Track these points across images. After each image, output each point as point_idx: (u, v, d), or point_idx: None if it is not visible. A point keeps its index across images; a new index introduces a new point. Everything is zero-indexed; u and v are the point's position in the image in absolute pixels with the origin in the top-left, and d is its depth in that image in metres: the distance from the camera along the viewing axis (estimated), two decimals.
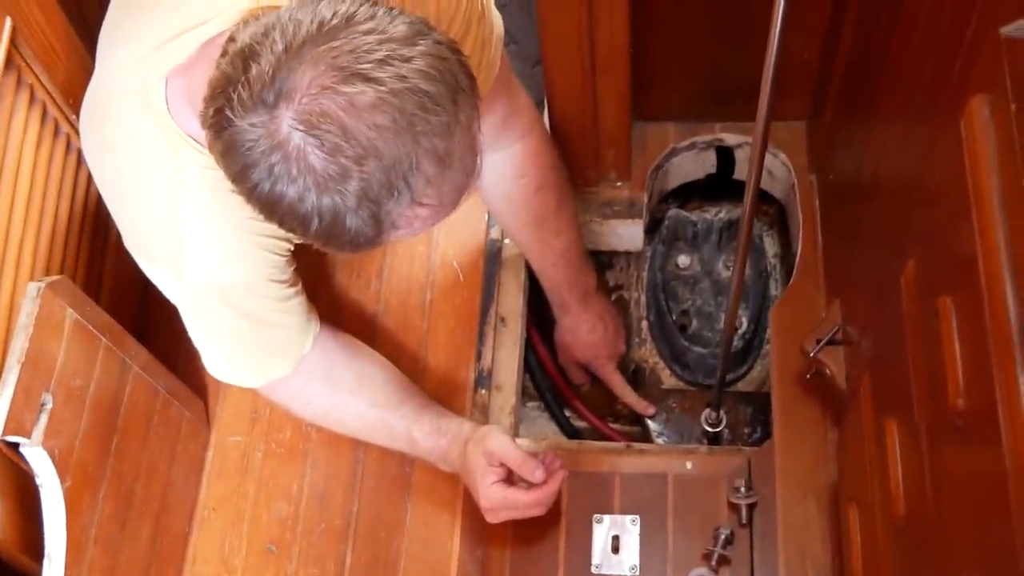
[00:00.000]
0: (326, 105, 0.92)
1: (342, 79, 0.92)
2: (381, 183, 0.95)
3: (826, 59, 1.72)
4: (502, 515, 1.52)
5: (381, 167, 0.94)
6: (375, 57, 0.93)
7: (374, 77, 0.92)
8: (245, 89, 0.94)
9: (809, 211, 1.83)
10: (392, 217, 0.99)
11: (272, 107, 0.93)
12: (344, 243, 1.00)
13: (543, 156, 1.61)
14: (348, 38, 0.94)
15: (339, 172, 0.94)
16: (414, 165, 0.96)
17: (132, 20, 1.21)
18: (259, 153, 0.95)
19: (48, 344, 1.30)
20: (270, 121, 0.93)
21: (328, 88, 0.92)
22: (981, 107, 0.88)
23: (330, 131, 0.93)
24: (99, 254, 1.65)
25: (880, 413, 1.25)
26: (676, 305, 2.01)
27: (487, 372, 1.76)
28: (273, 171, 0.95)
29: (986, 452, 0.84)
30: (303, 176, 0.94)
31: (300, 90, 0.93)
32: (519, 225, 1.70)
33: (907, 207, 1.16)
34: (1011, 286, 0.81)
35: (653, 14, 1.69)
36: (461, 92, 0.98)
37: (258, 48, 0.95)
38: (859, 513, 1.36)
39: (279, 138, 0.94)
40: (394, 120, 0.93)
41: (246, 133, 0.94)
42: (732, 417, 1.84)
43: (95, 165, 1.27)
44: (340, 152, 0.93)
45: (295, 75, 0.93)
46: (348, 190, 0.95)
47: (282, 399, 1.54)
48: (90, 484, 1.40)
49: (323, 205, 0.96)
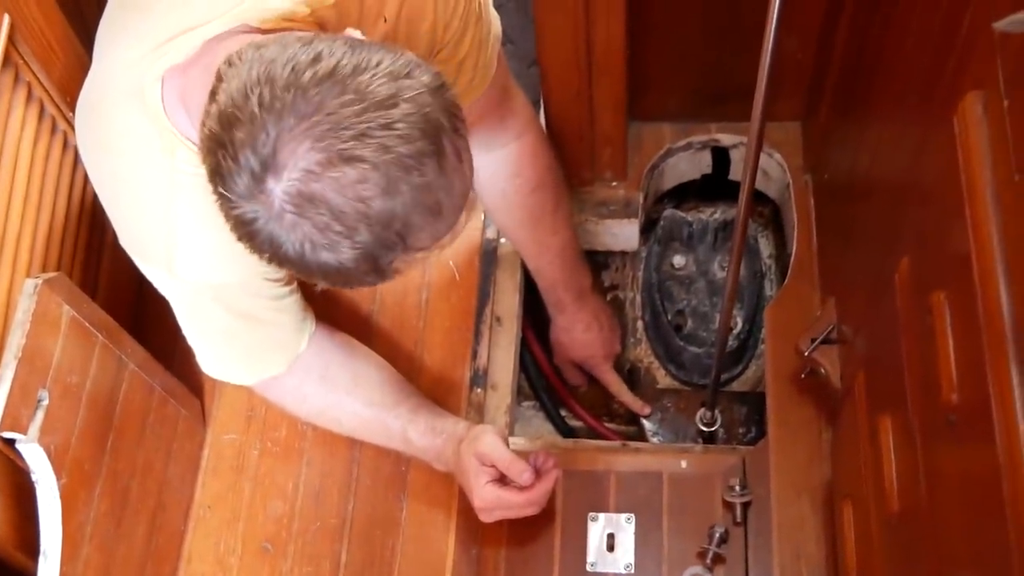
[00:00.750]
0: (314, 189, 0.95)
1: (327, 161, 0.94)
2: (375, 243, 0.98)
3: (821, 59, 1.72)
4: (496, 514, 1.52)
5: (372, 231, 0.97)
6: (356, 131, 0.94)
7: (356, 156, 0.94)
8: (232, 160, 0.96)
9: (804, 211, 1.84)
10: (393, 265, 1.02)
11: (260, 180, 0.95)
12: (356, 286, 1.06)
13: (539, 155, 1.62)
14: (327, 114, 0.94)
15: (330, 243, 0.97)
16: (406, 222, 0.98)
17: (130, 19, 1.21)
18: (259, 226, 0.97)
19: (44, 341, 1.30)
20: (264, 197, 0.96)
21: (313, 172, 0.94)
22: (974, 103, 0.88)
23: (320, 213, 0.95)
24: (96, 251, 1.66)
25: (874, 411, 1.25)
26: (671, 305, 2.01)
27: (483, 371, 1.76)
28: (274, 237, 0.98)
29: (979, 448, 0.85)
30: (301, 242, 0.97)
31: (286, 169, 0.94)
32: (515, 224, 1.71)
33: (901, 205, 1.17)
34: (1004, 282, 0.82)
35: (649, 15, 1.70)
36: (444, 135, 0.99)
37: (239, 114, 0.96)
38: (853, 511, 1.36)
39: (274, 212, 0.96)
40: (380, 188, 0.95)
41: (244, 214, 0.97)
42: (727, 416, 1.84)
43: (90, 163, 1.27)
44: (330, 228, 0.96)
45: (280, 153, 0.94)
46: (344, 253, 0.98)
47: (277, 398, 1.55)
48: (86, 481, 1.40)
49: (325, 262, 0.99)
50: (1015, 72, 0.80)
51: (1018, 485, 0.78)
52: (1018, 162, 0.79)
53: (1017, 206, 0.79)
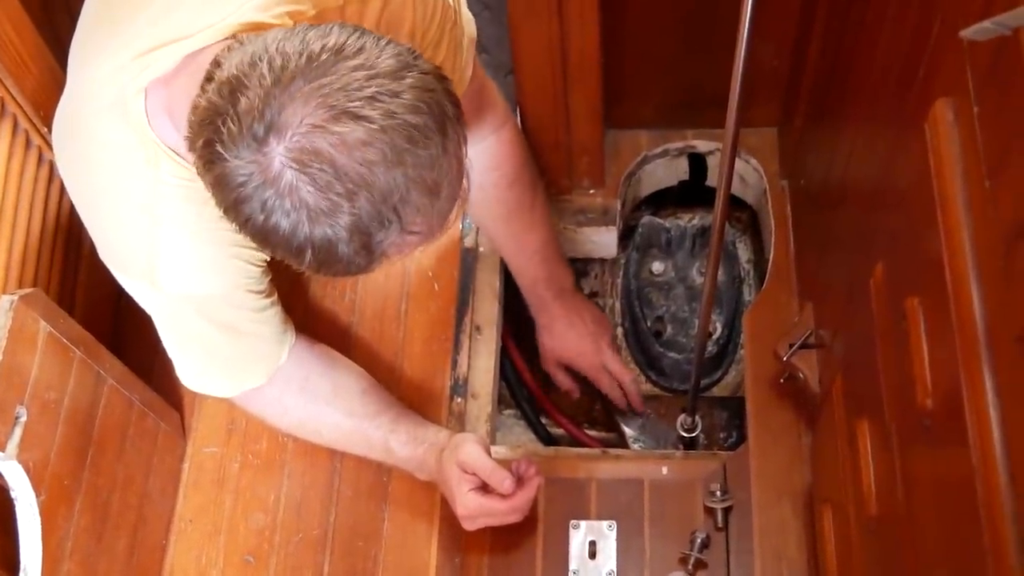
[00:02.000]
0: (317, 143, 0.94)
1: (332, 118, 0.94)
2: (372, 215, 0.97)
3: (795, 66, 1.73)
4: (479, 522, 1.52)
5: (372, 200, 0.96)
6: (364, 94, 0.94)
7: (364, 115, 0.94)
8: (235, 123, 0.95)
9: (781, 216, 1.85)
10: (383, 246, 1.01)
11: (262, 143, 0.94)
12: (337, 271, 1.02)
13: (516, 149, 1.63)
14: (337, 74, 0.95)
15: (331, 207, 0.96)
16: (404, 197, 0.97)
17: (107, 32, 1.21)
18: (252, 188, 0.96)
19: (22, 357, 1.30)
20: (262, 157, 0.95)
21: (319, 127, 0.94)
22: (945, 110, 0.89)
23: (322, 169, 0.94)
24: (72, 266, 1.65)
25: (852, 415, 1.26)
26: (651, 311, 2.02)
27: (463, 380, 1.76)
28: (266, 205, 0.96)
29: (954, 452, 0.85)
30: (296, 210, 0.96)
31: (291, 127, 0.94)
32: (493, 219, 1.71)
33: (875, 211, 1.18)
34: (976, 287, 0.82)
35: (623, 24, 1.70)
36: (448, 121, 0.99)
37: (245, 80, 0.96)
38: (833, 515, 1.37)
39: (271, 174, 0.95)
40: (384, 155, 0.95)
41: (238, 169, 0.96)
42: (707, 422, 1.85)
43: (69, 177, 1.26)
44: (331, 188, 0.95)
45: (286, 111, 0.94)
46: (340, 223, 0.96)
47: (258, 409, 1.55)
48: (66, 497, 1.40)
49: (316, 237, 0.97)
50: (984, 79, 0.81)
51: (991, 488, 0.78)
52: (989, 168, 0.79)
53: (988, 212, 0.79)
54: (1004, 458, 0.78)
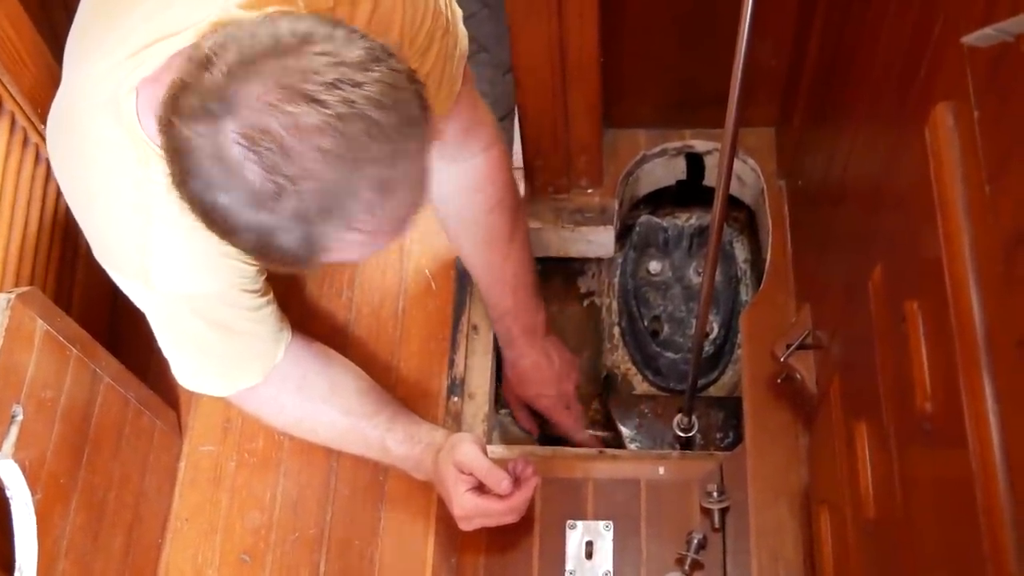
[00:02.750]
0: (269, 122, 0.92)
1: (288, 98, 0.92)
2: (316, 204, 0.94)
3: (793, 66, 1.73)
4: (475, 523, 1.52)
5: (318, 189, 0.93)
6: (324, 79, 0.92)
7: (320, 99, 0.92)
8: (196, 97, 0.94)
9: (778, 216, 1.85)
10: (325, 240, 0.98)
11: (217, 117, 0.93)
12: (275, 260, 1.00)
13: (502, 173, 1.60)
14: (300, 58, 0.93)
15: (275, 190, 0.93)
16: (352, 191, 0.95)
17: (102, 30, 1.20)
18: (199, 161, 0.94)
19: (18, 356, 1.29)
20: (214, 131, 0.93)
21: (273, 105, 0.92)
22: (945, 114, 0.89)
23: (270, 148, 0.92)
24: (69, 264, 1.65)
25: (849, 416, 1.26)
26: (648, 311, 2.02)
27: (460, 380, 1.76)
28: (211, 180, 0.94)
29: (953, 455, 0.85)
30: (239, 189, 0.94)
31: (246, 104, 0.92)
32: (471, 243, 1.68)
33: (874, 213, 1.17)
34: (976, 291, 0.82)
35: (622, 23, 1.70)
36: (411, 122, 0.97)
37: (214, 58, 0.95)
38: (830, 516, 1.37)
39: (220, 149, 0.93)
40: (336, 145, 0.92)
41: (190, 140, 0.94)
42: (704, 422, 1.85)
43: (62, 175, 1.26)
44: (278, 170, 0.92)
45: (243, 88, 0.93)
46: (282, 208, 0.94)
47: (254, 408, 1.54)
48: (61, 496, 1.39)
49: (256, 219, 0.95)
50: (985, 84, 0.81)
51: (990, 493, 0.78)
52: (989, 173, 0.79)
53: (988, 217, 0.79)
54: (1003, 463, 0.78)
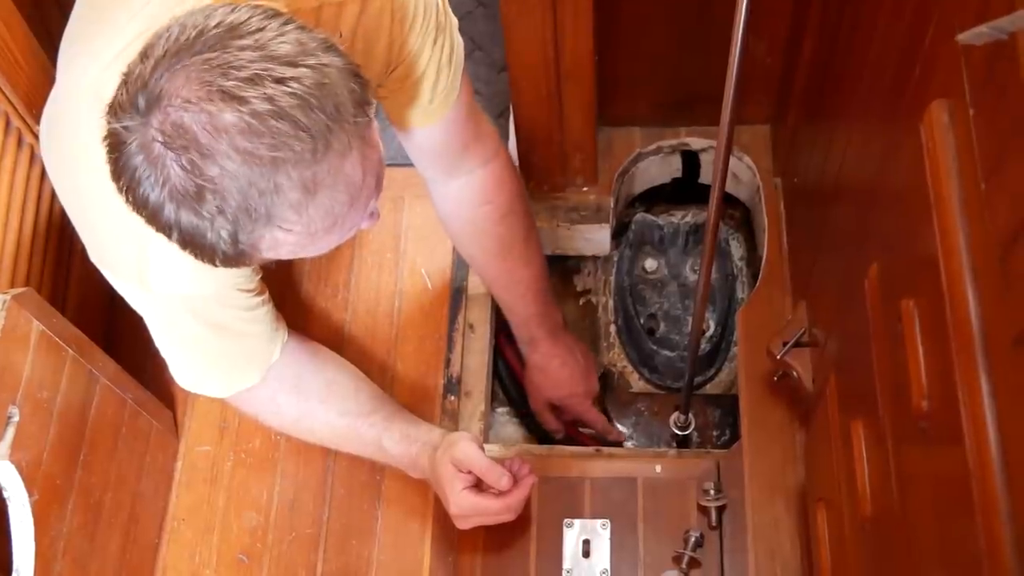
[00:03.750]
0: (187, 120, 0.91)
1: (207, 95, 0.91)
2: (238, 205, 0.93)
3: (788, 64, 1.73)
4: (472, 521, 1.52)
5: (238, 189, 0.92)
6: (245, 75, 0.91)
7: (239, 96, 0.90)
8: (127, 90, 0.94)
9: (774, 214, 1.85)
10: (253, 239, 0.97)
11: (143, 112, 0.92)
12: (206, 256, 0.99)
13: (508, 182, 1.59)
14: (223, 51, 0.92)
15: (195, 190, 0.93)
16: (274, 190, 0.94)
17: (92, 29, 1.20)
18: (128, 156, 0.94)
19: (14, 357, 1.29)
20: (140, 126, 0.92)
21: (191, 103, 0.91)
22: (940, 112, 0.88)
23: (187, 148, 0.91)
24: (65, 265, 1.65)
25: (846, 414, 1.26)
26: (644, 309, 2.02)
27: (456, 378, 1.76)
28: (137, 174, 0.94)
29: (949, 454, 0.85)
30: (162, 185, 0.93)
31: (168, 100, 0.91)
32: (485, 254, 1.66)
33: (869, 211, 1.17)
34: (972, 289, 0.82)
35: (617, 21, 1.70)
36: (340, 121, 0.95)
37: (149, 50, 0.94)
38: (827, 514, 1.37)
39: (145, 145, 0.92)
40: (254, 144, 0.91)
41: (119, 135, 0.94)
42: (701, 420, 1.85)
43: (57, 176, 1.25)
44: (196, 170, 0.92)
45: (166, 83, 0.92)
46: (203, 208, 0.93)
47: (251, 409, 1.54)
48: (58, 497, 1.39)
49: (181, 217, 0.95)
50: (980, 81, 0.81)
51: (987, 491, 0.78)
52: (985, 171, 0.79)
53: (984, 215, 0.79)
54: (1000, 461, 0.78)
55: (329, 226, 1.01)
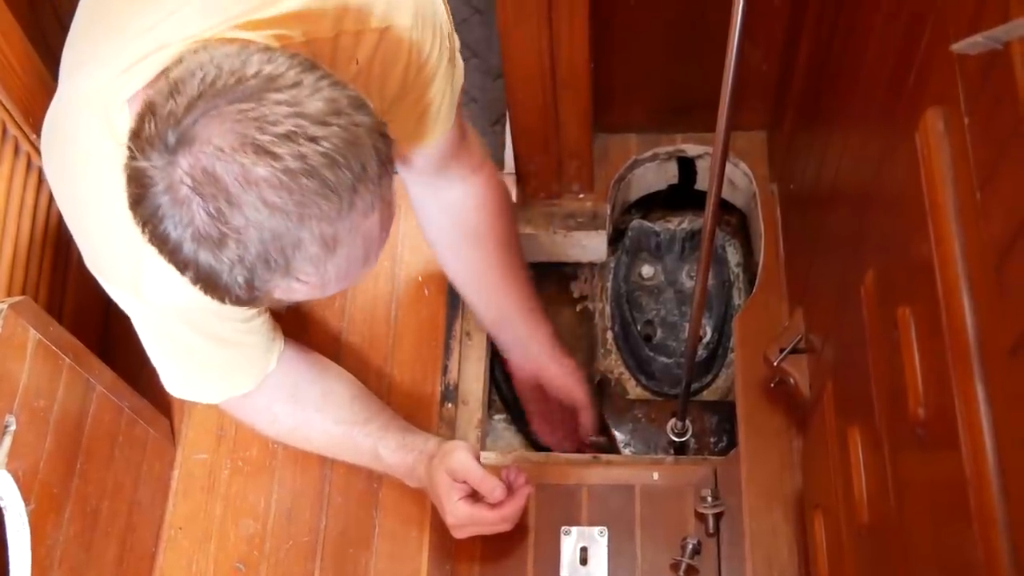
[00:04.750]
0: (219, 169, 0.91)
1: (240, 146, 0.91)
2: (259, 255, 0.94)
3: (784, 70, 1.73)
4: (468, 531, 1.52)
5: (260, 240, 0.93)
6: (279, 131, 0.92)
7: (272, 152, 0.91)
8: (155, 125, 0.94)
9: (770, 220, 1.85)
10: (268, 286, 0.98)
11: (172, 151, 0.93)
12: (217, 295, 1.00)
13: (490, 200, 1.60)
14: (260, 103, 0.92)
15: (218, 236, 0.93)
16: (296, 244, 0.95)
17: (100, 37, 1.19)
18: (153, 191, 0.94)
19: (11, 365, 1.29)
20: (167, 165, 0.93)
21: (224, 152, 0.91)
22: (935, 120, 0.88)
23: (215, 195, 0.92)
24: (61, 273, 1.64)
25: (843, 421, 1.26)
26: (640, 315, 2.02)
27: (453, 386, 1.76)
28: (160, 211, 0.94)
29: (946, 461, 0.85)
30: (184, 225, 0.94)
31: (200, 144, 0.92)
32: (465, 269, 1.68)
33: (865, 218, 1.18)
34: (968, 297, 0.82)
35: (612, 28, 1.71)
36: (365, 181, 0.96)
37: (180, 86, 0.94)
38: (824, 520, 1.37)
39: (171, 184, 0.93)
40: (283, 199, 0.92)
41: (145, 170, 0.94)
42: (698, 426, 1.85)
43: (56, 185, 1.25)
44: (222, 218, 0.92)
45: (198, 126, 0.92)
46: (224, 254, 0.94)
47: (247, 417, 1.54)
48: (55, 506, 1.39)
49: (199, 258, 0.95)
50: (975, 90, 0.81)
51: (984, 499, 0.78)
52: (980, 179, 0.79)
53: (979, 223, 0.79)
54: (997, 468, 0.78)
55: (342, 279, 1.02)
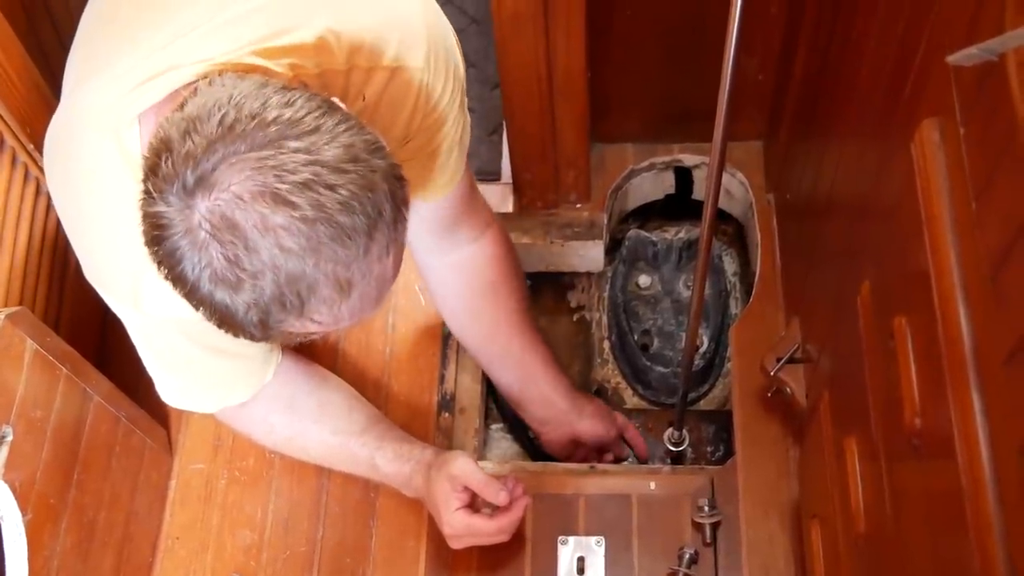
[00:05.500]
0: (238, 216, 0.92)
1: (259, 194, 0.92)
2: (274, 297, 0.95)
3: (780, 80, 1.74)
4: (465, 541, 1.52)
5: (276, 283, 0.94)
6: (298, 179, 0.92)
7: (291, 201, 0.92)
8: (173, 165, 0.94)
9: (767, 230, 1.85)
10: (282, 326, 0.99)
11: (190, 194, 0.93)
12: (231, 330, 1.01)
13: (496, 261, 1.61)
14: (278, 151, 0.93)
15: (235, 280, 0.94)
16: (312, 288, 0.96)
17: (108, 54, 1.18)
18: (171, 233, 0.95)
19: (8, 376, 1.29)
20: (185, 208, 0.93)
21: (243, 199, 0.92)
22: (931, 131, 0.89)
23: (234, 242, 0.93)
24: (58, 283, 1.64)
25: (839, 431, 1.26)
26: (637, 325, 2.02)
27: (450, 395, 1.76)
28: (178, 252, 0.95)
29: (942, 471, 0.85)
30: (202, 267, 0.95)
31: (218, 188, 0.92)
32: (472, 328, 1.69)
33: (861, 228, 1.18)
34: (964, 307, 0.82)
35: (609, 38, 1.71)
36: (381, 224, 0.97)
37: (198, 124, 0.95)
38: (821, 530, 1.37)
39: (189, 226, 0.94)
40: (300, 245, 0.93)
41: (162, 212, 0.95)
42: (695, 436, 1.85)
43: (58, 197, 1.25)
44: (239, 263, 0.93)
45: (218, 170, 0.93)
46: (239, 297, 0.95)
47: (244, 427, 1.54)
48: (52, 516, 1.39)
49: (215, 298, 0.96)
50: (970, 101, 0.81)
51: (980, 509, 0.79)
52: (975, 190, 0.80)
53: (975, 234, 0.80)
54: (993, 478, 0.78)
55: (355, 316, 1.02)
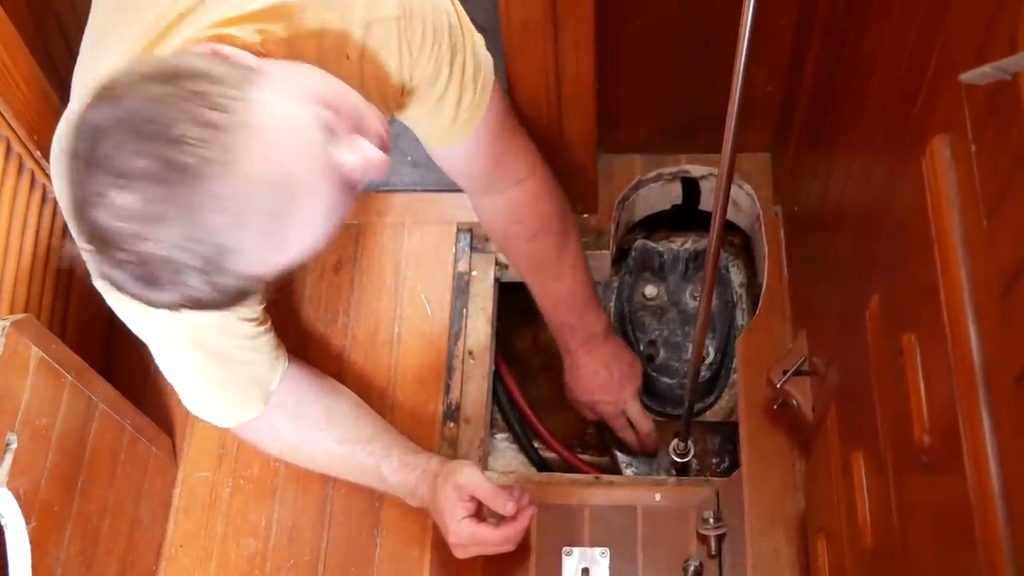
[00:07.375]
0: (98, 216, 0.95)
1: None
2: (185, 263, 0.96)
3: (789, 92, 1.73)
4: (471, 551, 1.52)
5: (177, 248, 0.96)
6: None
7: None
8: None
9: (774, 242, 1.85)
10: (233, 275, 0.98)
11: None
12: (218, 307, 1.03)
13: (541, 202, 1.60)
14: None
15: (146, 275, 0.97)
16: (205, 232, 0.95)
17: (111, 61, 1.19)
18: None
19: (13, 383, 1.29)
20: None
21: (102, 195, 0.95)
22: (942, 147, 0.88)
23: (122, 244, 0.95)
24: (64, 290, 1.64)
25: (846, 445, 1.26)
26: (643, 335, 2.01)
27: (455, 406, 1.76)
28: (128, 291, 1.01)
29: (951, 488, 0.85)
30: (130, 286, 0.99)
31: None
32: (521, 267, 1.72)
33: (871, 242, 1.17)
34: (974, 324, 0.82)
35: (618, 49, 1.71)
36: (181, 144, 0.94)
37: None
38: (827, 544, 1.36)
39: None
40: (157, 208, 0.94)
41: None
42: (700, 447, 1.85)
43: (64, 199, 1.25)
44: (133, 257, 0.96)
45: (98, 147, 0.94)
46: (164, 285, 0.98)
47: (250, 436, 1.54)
48: (56, 524, 1.39)
49: (163, 299, 1.00)
50: (982, 118, 0.81)
51: (989, 526, 0.78)
52: (987, 207, 0.79)
53: (986, 251, 0.79)
54: (1002, 496, 0.77)
55: (275, 218, 0.98)
